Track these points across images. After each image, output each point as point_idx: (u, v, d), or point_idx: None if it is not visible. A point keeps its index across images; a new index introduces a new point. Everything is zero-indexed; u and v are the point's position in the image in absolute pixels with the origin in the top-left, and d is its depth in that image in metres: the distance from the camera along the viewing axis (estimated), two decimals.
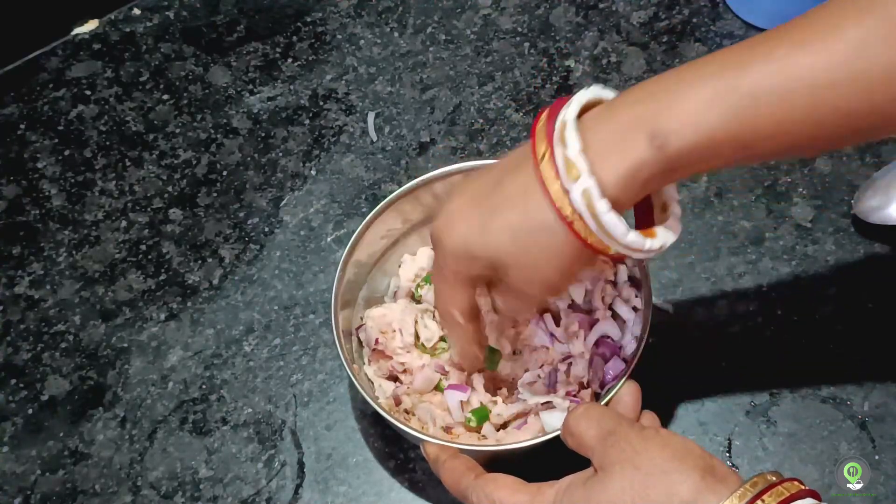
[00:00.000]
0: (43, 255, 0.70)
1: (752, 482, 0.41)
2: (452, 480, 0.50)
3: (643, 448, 0.43)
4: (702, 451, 0.43)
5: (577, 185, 0.41)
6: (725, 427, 0.58)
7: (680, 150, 0.40)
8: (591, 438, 0.45)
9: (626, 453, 0.43)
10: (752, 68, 0.40)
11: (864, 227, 0.64)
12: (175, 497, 0.59)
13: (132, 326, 0.66)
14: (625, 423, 0.46)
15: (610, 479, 0.43)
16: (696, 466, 0.42)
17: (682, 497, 0.41)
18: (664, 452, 0.43)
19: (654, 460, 0.42)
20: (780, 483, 0.41)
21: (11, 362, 0.65)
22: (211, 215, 0.71)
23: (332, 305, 0.56)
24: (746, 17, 0.75)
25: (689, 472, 0.41)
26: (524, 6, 0.79)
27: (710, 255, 0.65)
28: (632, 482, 0.42)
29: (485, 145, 0.72)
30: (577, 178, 0.41)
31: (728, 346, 0.61)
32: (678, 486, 0.41)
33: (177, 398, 0.63)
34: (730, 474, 0.42)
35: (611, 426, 0.45)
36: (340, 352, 0.54)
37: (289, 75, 0.78)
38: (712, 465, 0.42)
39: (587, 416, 0.47)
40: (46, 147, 0.75)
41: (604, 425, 0.45)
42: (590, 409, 0.48)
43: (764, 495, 0.40)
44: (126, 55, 0.80)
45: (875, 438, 0.57)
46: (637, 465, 0.43)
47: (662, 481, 0.42)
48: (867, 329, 0.60)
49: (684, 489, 0.41)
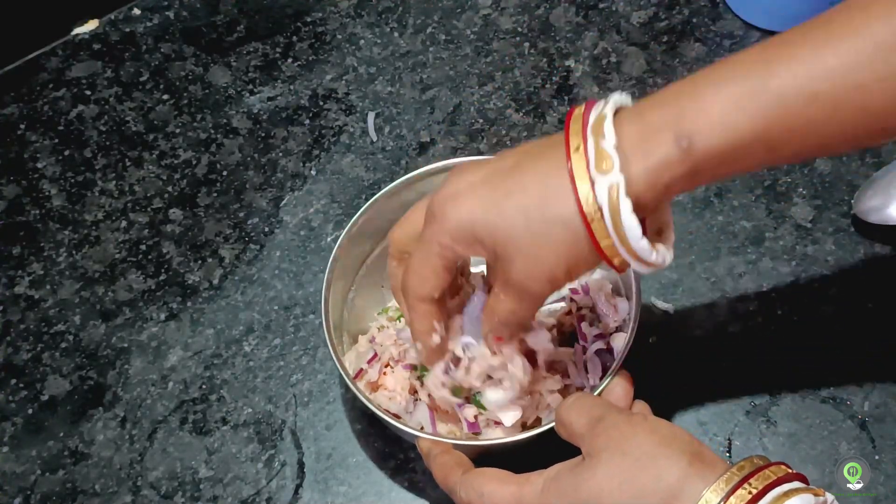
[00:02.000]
0: (43, 255, 0.70)
1: (738, 466, 0.41)
2: (442, 475, 0.50)
3: (631, 434, 0.43)
4: (690, 438, 0.43)
5: (606, 178, 0.40)
6: (725, 427, 0.58)
7: (706, 151, 0.40)
8: (580, 427, 0.46)
9: (614, 439, 0.43)
10: (779, 69, 0.39)
11: (864, 227, 0.64)
12: (175, 497, 0.59)
13: (132, 326, 0.66)
14: (614, 410, 0.46)
15: (598, 465, 0.43)
16: (683, 452, 0.42)
17: (670, 482, 0.41)
18: (652, 438, 0.43)
19: (641, 446, 0.43)
20: (766, 467, 0.41)
21: (11, 362, 0.65)
22: (211, 215, 0.71)
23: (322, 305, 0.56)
24: (746, 17, 0.75)
25: (676, 458, 0.42)
26: (524, 6, 0.79)
27: (710, 255, 0.65)
28: (619, 467, 0.42)
29: (485, 145, 0.72)
30: (607, 171, 0.40)
31: (728, 346, 0.61)
32: (666, 470, 0.41)
33: (177, 398, 0.63)
34: (717, 460, 0.42)
35: (599, 413, 0.45)
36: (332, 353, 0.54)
37: (289, 75, 0.78)
38: (700, 451, 0.42)
39: (577, 405, 0.47)
40: (46, 147, 0.75)
41: (593, 413, 0.46)
42: (580, 398, 0.48)
43: (751, 478, 0.40)
44: (126, 55, 0.80)
45: (875, 438, 0.57)
46: (625, 450, 0.43)
47: (650, 466, 0.42)
48: (867, 329, 0.60)
49: (672, 474, 0.41)
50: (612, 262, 0.43)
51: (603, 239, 0.42)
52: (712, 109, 0.40)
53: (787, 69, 0.39)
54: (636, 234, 0.41)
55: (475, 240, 0.44)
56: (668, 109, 0.41)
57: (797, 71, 0.39)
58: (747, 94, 0.40)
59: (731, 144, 0.40)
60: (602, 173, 0.40)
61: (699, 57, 0.74)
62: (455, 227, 0.44)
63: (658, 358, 0.60)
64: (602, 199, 0.41)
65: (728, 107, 0.40)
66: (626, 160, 0.41)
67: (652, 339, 0.61)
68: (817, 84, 0.39)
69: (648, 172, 0.41)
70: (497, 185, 0.44)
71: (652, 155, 0.41)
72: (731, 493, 0.40)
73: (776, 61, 0.40)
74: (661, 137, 0.40)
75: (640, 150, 0.41)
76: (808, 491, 0.40)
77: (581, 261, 0.43)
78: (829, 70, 0.39)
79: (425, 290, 0.48)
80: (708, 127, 0.40)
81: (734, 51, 0.73)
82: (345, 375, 0.54)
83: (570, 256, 0.43)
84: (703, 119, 0.40)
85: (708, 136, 0.40)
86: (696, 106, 0.40)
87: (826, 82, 0.39)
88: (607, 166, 0.40)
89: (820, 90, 0.39)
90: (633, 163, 0.41)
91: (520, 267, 0.44)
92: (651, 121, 0.41)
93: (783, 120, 0.39)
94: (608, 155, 0.40)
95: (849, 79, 0.39)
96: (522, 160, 0.44)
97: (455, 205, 0.44)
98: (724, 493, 0.40)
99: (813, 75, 0.39)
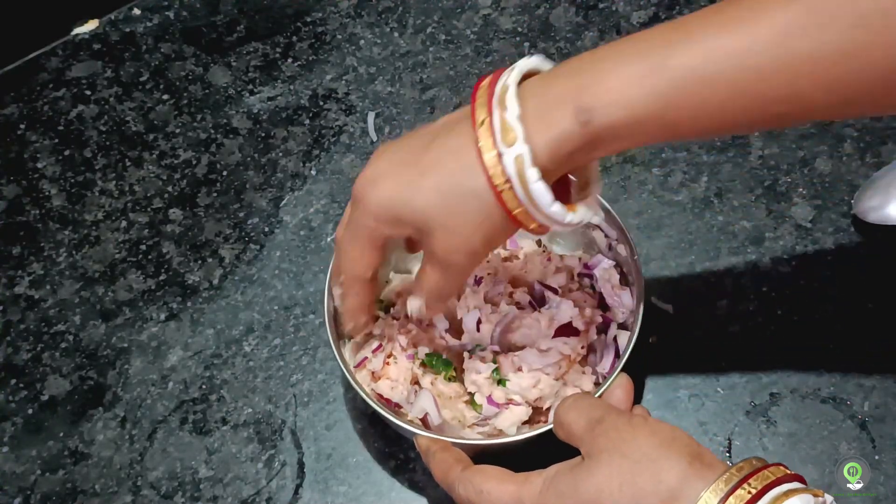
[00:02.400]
0: (43, 255, 0.70)
1: (737, 467, 0.41)
2: (441, 472, 0.50)
3: (631, 436, 0.43)
4: (690, 440, 0.43)
5: (512, 150, 0.42)
6: (725, 427, 0.58)
7: (604, 125, 0.41)
8: (579, 428, 0.46)
9: (613, 441, 0.44)
10: (678, 48, 0.40)
11: (864, 227, 0.64)
12: (175, 497, 0.59)
13: (132, 326, 0.66)
14: (613, 411, 0.46)
15: (597, 466, 0.43)
16: (683, 453, 0.42)
17: (670, 483, 0.41)
18: (652, 440, 0.43)
19: (641, 448, 0.43)
20: (765, 468, 0.41)
21: (11, 362, 0.65)
22: (211, 215, 0.71)
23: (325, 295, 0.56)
24: None
25: (676, 459, 0.42)
26: (524, 6, 0.79)
27: (710, 255, 0.65)
28: (619, 469, 0.42)
29: None
30: (512, 143, 0.42)
31: (728, 346, 0.61)
32: (666, 472, 0.41)
33: (177, 398, 0.63)
34: (717, 461, 0.42)
35: (599, 415, 0.46)
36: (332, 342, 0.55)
37: (289, 75, 0.78)
38: (700, 453, 0.42)
39: (576, 406, 0.47)
40: (46, 147, 0.75)
41: (592, 414, 0.46)
42: (579, 399, 0.48)
43: (750, 478, 0.41)
44: (126, 55, 0.80)
45: (875, 438, 0.57)
46: (624, 452, 0.43)
47: (650, 468, 0.42)
48: (867, 329, 0.60)
49: (672, 475, 0.41)
50: (528, 227, 0.44)
51: (515, 208, 0.43)
52: (611, 85, 0.41)
53: (686, 49, 0.40)
54: (547, 201, 0.43)
55: (397, 220, 0.46)
56: (570, 82, 0.42)
57: (695, 52, 0.40)
58: (646, 73, 0.41)
59: (627, 121, 0.41)
60: (508, 145, 0.42)
61: None
62: (376, 209, 0.46)
63: (658, 358, 0.60)
64: (510, 170, 0.42)
65: (626, 83, 0.41)
66: (530, 131, 0.42)
67: (652, 339, 0.61)
68: (714, 66, 0.40)
69: (550, 144, 0.42)
70: (413, 164, 0.45)
71: (553, 127, 0.42)
72: (730, 493, 0.40)
73: (676, 41, 0.40)
74: (563, 110, 0.42)
75: (543, 121, 0.42)
76: (807, 491, 0.40)
77: (498, 230, 0.45)
78: (727, 52, 0.39)
79: (357, 270, 0.50)
80: (606, 103, 0.41)
81: None
82: (343, 367, 0.54)
83: (486, 227, 0.45)
84: (602, 95, 0.41)
85: (606, 111, 0.41)
86: (596, 81, 0.41)
87: (722, 63, 0.39)
88: (512, 138, 0.42)
89: (717, 72, 0.40)
90: (535, 134, 0.42)
91: (440, 241, 0.46)
92: (554, 93, 0.42)
93: (680, 99, 0.40)
94: (512, 127, 0.42)
95: (746, 63, 0.39)
96: (436, 137, 0.46)
97: (375, 187, 0.46)
98: (723, 494, 0.40)
99: (710, 57, 0.40)
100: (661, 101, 0.41)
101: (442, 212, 0.45)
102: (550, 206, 0.43)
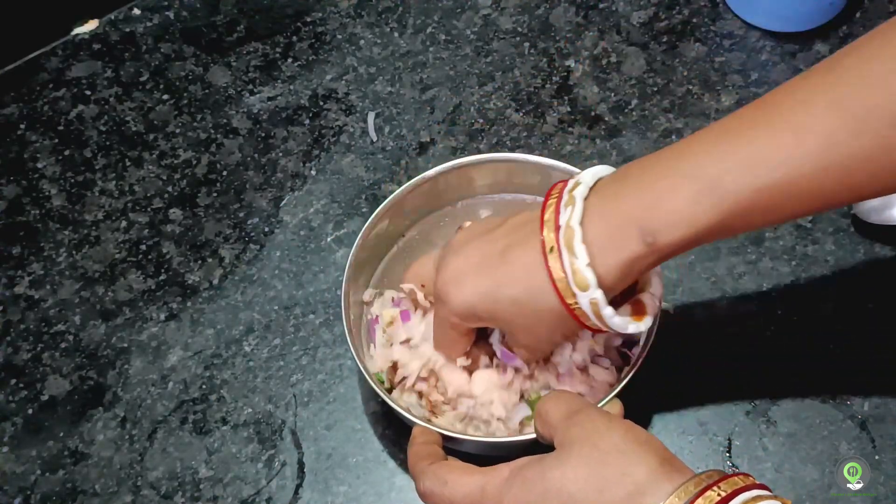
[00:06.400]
0: (43, 255, 0.70)
1: (707, 474, 0.41)
2: (411, 464, 0.51)
3: (606, 428, 0.44)
4: (663, 446, 0.44)
5: (586, 294, 0.45)
6: (725, 427, 0.58)
7: (667, 243, 0.45)
8: (555, 418, 0.46)
9: (587, 431, 0.44)
10: (729, 163, 0.44)
11: (864, 227, 0.64)
12: (175, 497, 0.59)
13: (132, 326, 0.66)
14: (593, 407, 0.47)
15: (567, 456, 0.43)
16: (656, 454, 0.42)
17: (637, 478, 0.41)
18: (626, 436, 0.43)
19: (613, 440, 0.43)
20: (735, 475, 0.42)
21: (11, 362, 0.65)
22: (211, 215, 0.71)
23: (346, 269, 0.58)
24: (746, 17, 0.75)
25: (647, 457, 0.42)
26: (524, 6, 0.79)
27: (710, 255, 0.65)
28: (588, 458, 0.43)
29: (485, 145, 0.72)
30: (585, 289, 0.45)
31: (728, 346, 0.61)
32: (634, 467, 0.42)
33: (177, 398, 0.63)
34: (686, 468, 0.42)
35: (578, 408, 0.46)
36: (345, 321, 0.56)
37: (289, 75, 0.78)
38: (671, 458, 0.43)
39: (557, 398, 0.48)
40: (46, 147, 0.75)
41: (571, 406, 0.46)
42: (561, 393, 0.50)
43: (720, 482, 0.41)
44: (126, 55, 0.80)
45: (875, 438, 0.57)
46: (595, 442, 0.43)
47: (619, 460, 0.42)
48: (867, 329, 0.60)
49: (640, 471, 0.41)
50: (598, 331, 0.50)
51: (587, 322, 0.47)
52: (672, 207, 0.44)
53: (738, 164, 0.43)
54: (617, 323, 0.47)
55: (479, 318, 0.51)
56: (631, 204, 0.45)
57: (747, 165, 0.43)
58: (704, 190, 0.44)
59: (690, 236, 0.45)
60: (581, 290, 0.45)
61: (699, 57, 0.74)
62: (459, 309, 0.50)
63: (658, 358, 0.60)
64: (585, 307, 0.46)
65: (686, 204, 0.44)
66: (599, 256, 0.45)
67: (652, 339, 0.61)
68: (767, 176, 0.43)
69: (621, 267, 0.45)
70: (488, 272, 0.49)
71: (621, 252, 0.45)
72: (699, 494, 0.40)
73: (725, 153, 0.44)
74: (628, 234, 0.45)
75: (611, 247, 0.45)
76: (776, 499, 0.40)
77: (572, 332, 0.53)
78: (778, 163, 0.43)
79: (453, 356, 0.55)
80: (668, 224, 0.45)
81: (734, 51, 0.74)
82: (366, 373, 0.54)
83: (562, 331, 0.50)
84: (664, 217, 0.45)
85: (669, 231, 0.45)
86: (655, 204, 0.45)
87: (775, 173, 0.43)
88: (584, 284, 0.45)
89: (770, 183, 0.43)
90: (606, 258, 0.45)
91: (522, 338, 0.51)
92: (617, 216, 0.45)
93: (736, 209, 0.44)
94: (582, 274, 0.45)
95: (796, 170, 0.43)
96: (510, 247, 0.49)
97: (456, 289, 0.50)
98: (691, 495, 0.40)
99: (762, 169, 0.43)
100: (720, 216, 0.44)
101: (519, 320, 0.49)
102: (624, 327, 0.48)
